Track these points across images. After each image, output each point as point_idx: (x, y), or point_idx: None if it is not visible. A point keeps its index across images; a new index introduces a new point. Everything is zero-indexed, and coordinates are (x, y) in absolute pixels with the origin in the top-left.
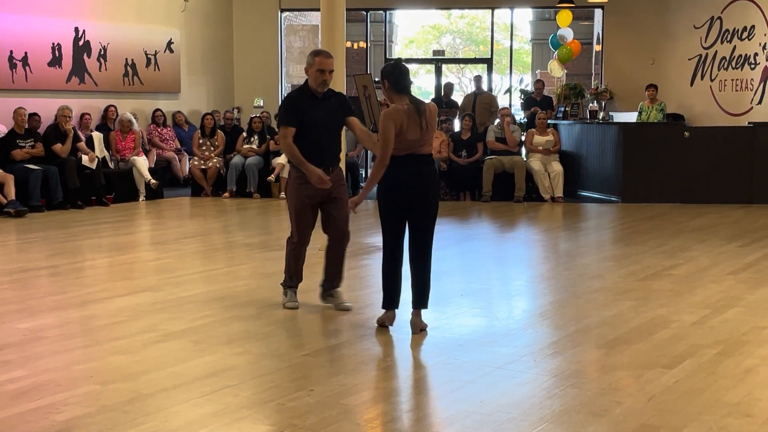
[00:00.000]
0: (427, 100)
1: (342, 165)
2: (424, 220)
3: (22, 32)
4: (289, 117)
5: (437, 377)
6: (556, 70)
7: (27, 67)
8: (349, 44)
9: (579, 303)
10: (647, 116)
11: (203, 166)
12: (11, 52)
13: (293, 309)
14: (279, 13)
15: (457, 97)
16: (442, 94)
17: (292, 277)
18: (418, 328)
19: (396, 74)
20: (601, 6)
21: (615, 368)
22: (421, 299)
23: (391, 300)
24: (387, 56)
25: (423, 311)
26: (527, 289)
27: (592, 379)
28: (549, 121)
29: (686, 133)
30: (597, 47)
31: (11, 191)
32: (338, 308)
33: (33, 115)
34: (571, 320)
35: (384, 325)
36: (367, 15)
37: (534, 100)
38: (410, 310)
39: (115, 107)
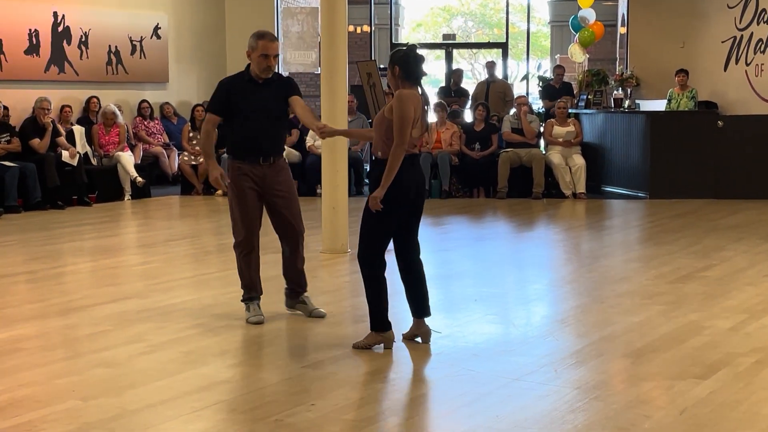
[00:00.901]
0: (436, 89)
1: (345, 161)
2: (418, 222)
3: None
4: (214, 104)
5: (449, 390)
6: (577, 54)
7: (1, 56)
8: (351, 28)
9: (603, 308)
10: (677, 104)
11: (194, 162)
12: None
13: (258, 323)
14: None
15: (468, 86)
16: (451, 82)
17: (249, 289)
18: (429, 336)
19: (410, 62)
20: None
21: (643, 379)
22: (427, 306)
23: (387, 316)
24: (393, 41)
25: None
26: (547, 294)
27: (619, 391)
28: (570, 111)
29: (720, 123)
30: (622, 29)
31: None
32: (312, 315)
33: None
34: (594, 327)
35: (389, 347)
36: None
37: (553, 88)
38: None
39: (97, 98)
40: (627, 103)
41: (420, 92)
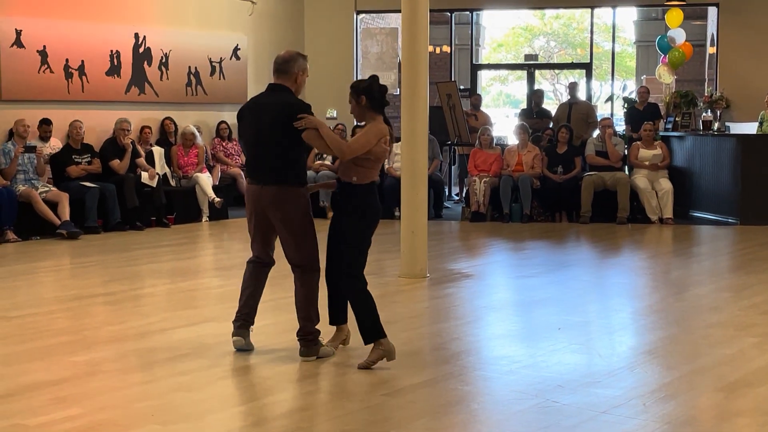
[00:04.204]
0: (518, 110)
1: (424, 182)
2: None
3: (78, 39)
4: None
5: (534, 422)
6: (665, 75)
7: (83, 77)
8: (431, 48)
9: (693, 339)
10: None
11: None
12: (67, 60)
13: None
14: (354, 16)
15: (549, 107)
16: (533, 103)
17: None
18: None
19: (374, 92)
20: (715, 3)
21: (736, 414)
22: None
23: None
24: (473, 61)
25: None
26: (633, 323)
27: (710, 426)
28: (657, 133)
29: None
30: (711, 49)
31: (66, 211)
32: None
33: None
34: (684, 359)
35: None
36: (451, 16)
37: (638, 111)
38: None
39: (171, 120)
40: (716, 125)
41: (384, 121)
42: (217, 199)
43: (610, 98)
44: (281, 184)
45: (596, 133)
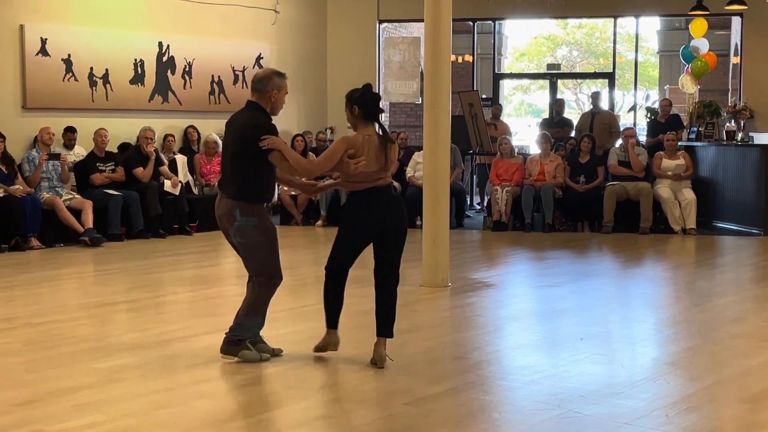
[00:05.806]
0: (539, 119)
1: (446, 191)
2: (388, 253)
3: (102, 48)
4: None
5: None
6: (688, 85)
7: (108, 85)
8: (453, 57)
9: (716, 350)
10: None
11: (293, 192)
12: (91, 69)
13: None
14: (377, 25)
15: (571, 116)
16: (554, 112)
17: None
18: (383, 360)
19: (367, 101)
20: (739, 13)
21: (761, 426)
22: (385, 327)
23: (333, 320)
24: (495, 70)
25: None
26: (655, 334)
27: None
28: (680, 143)
29: None
30: (735, 59)
31: (89, 218)
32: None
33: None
34: (707, 370)
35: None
36: (474, 26)
37: (659, 123)
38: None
39: (195, 128)
40: (740, 135)
41: (377, 129)
42: None
43: (633, 108)
44: (235, 199)
45: (619, 142)
